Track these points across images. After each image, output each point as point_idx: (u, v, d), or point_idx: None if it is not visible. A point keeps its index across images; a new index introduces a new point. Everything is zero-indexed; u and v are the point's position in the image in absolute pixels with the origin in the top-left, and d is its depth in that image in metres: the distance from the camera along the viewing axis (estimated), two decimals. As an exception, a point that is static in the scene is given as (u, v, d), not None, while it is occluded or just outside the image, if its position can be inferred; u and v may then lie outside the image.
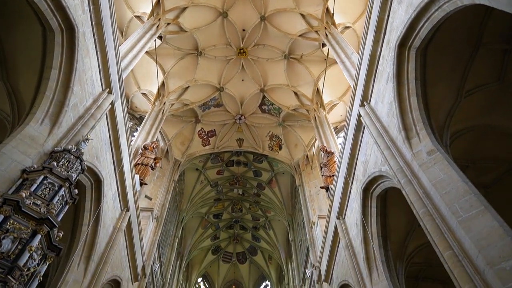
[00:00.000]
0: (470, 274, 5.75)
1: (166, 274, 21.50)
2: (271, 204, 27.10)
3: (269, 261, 30.55)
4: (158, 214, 18.43)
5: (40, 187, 6.41)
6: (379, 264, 10.43)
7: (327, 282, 14.59)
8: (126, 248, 13.19)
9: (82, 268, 10.01)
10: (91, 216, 10.31)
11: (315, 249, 17.26)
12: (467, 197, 6.35)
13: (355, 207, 11.80)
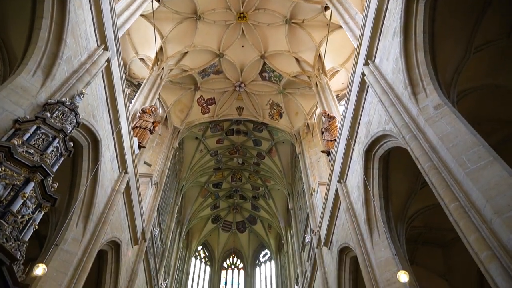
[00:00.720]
0: (476, 224, 5.62)
1: (166, 241, 21.64)
2: (271, 173, 27.04)
3: (269, 230, 30.79)
4: (158, 180, 18.34)
5: (33, 137, 6.19)
6: (380, 225, 10.37)
7: (327, 246, 14.63)
8: (125, 211, 13.13)
9: (81, 227, 9.93)
10: (88, 175, 10.15)
11: (315, 215, 17.27)
12: (476, 149, 6.15)
13: (356, 169, 11.64)
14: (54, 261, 8.81)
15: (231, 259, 32.29)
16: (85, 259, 9.62)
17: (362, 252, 10.50)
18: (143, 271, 16.11)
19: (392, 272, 9.26)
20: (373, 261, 9.99)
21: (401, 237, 10.66)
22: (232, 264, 32.07)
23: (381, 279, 9.39)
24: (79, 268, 9.33)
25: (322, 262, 15.26)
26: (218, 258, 31.64)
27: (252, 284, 30.12)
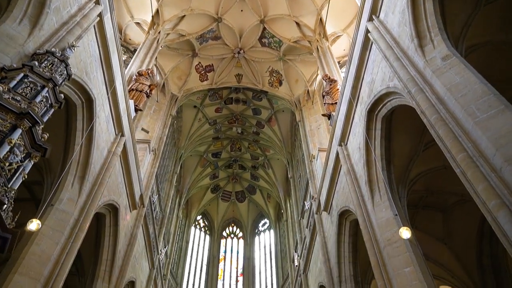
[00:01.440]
0: (485, 173, 5.39)
1: (165, 208, 21.63)
2: (271, 142, 26.81)
3: (268, 200, 30.86)
4: (156, 147, 18.10)
5: (20, 85, 5.87)
6: (382, 186, 10.19)
7: (326, 211, 14.56)
8: (122, 175, 12.94)
9: (76, 188, 9.74)
10: (83, 135, 9.88)
11: (315, 182, 17.14)
12: (486, 98, 5.87)
13: (358, 131, 11.38)
14: (50, 220, 8.66)
15: (231, 228, 32.53)
16: (81, 219, 9.47)
17: (362, 213, 10.38)
18: (142, 236, 16.11)
19: (393, 232, 9.14)
20: (374, 222, 9.87)
21: (403, 199, 10.51)
22: (231, 233, 32.34)
23: (382, 239, 9.29)
24: (76, 227, 9.19)
25: (321, 227, 15.23)
26: (218, 227, 31.85)
27: (251, 253, 30.45)
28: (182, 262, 26.96)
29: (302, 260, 18.97)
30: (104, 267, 12.48)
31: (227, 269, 29.85)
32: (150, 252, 17.52)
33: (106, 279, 12.45)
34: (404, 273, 8.32)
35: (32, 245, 8.05)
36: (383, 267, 8.92)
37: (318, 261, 15.86)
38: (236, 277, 29.30)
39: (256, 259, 30.06)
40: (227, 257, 30.70)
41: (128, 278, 14.41)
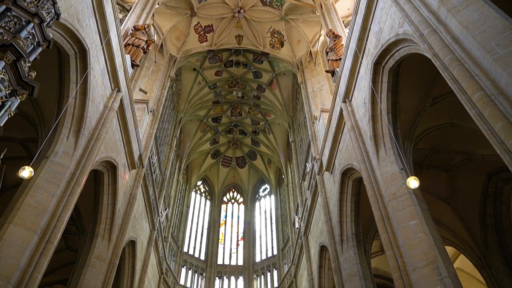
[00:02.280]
0: (504, 111, 5.04)
1: (165, 171, 21.46)
2: (272, 106, 26.36)
3: (269, 165, 30.71)
4: (154, 108, 17.70)
5: (3, 18, 5.41)
6: (387, 141, 9.90)
7: (329, 171, 14.33)
8: (120, 132, 12.62)
9: (72, 141, 9.43)
10: (77, 87, 9.46)
11: (317, 143, 16.85)
12: (507, 33, 5.46)
13: (363, 85, 10.96)
14: (45, 172, 8.40)
15: (231, 193, 32.57)
16: (78, 173, 9.22)
17: (367, 169, 10.13)
18: (141, 197, 15.98)
19: (398, 186, 8.92)
20: (379, 177, 9.63)
21: (408, 155, 10.22)
22: (232, 198, 32.40)
23: (387, 193, 9.06)
24: (72, 181, 8.94)
25: (323, 187, 15.06)
26: (218, 192, 31.88)
27: (251, 218, 30.61)
28: (183, 226, 27.12)
29: (303, 223, 18.95)
30: (103, 225, 12.38)
31: (228, 234, 30.10)
32: (150, 213, 17.46)
33: (106, 237, 12.37)
34: (409, 226, 8.13)
35: (27, 196, 7.83)
36: (387, 220, 8.74)
37: (319, 222, 15.79)
38: (237, 241, 29.58)
39: (256, 224, 30.26)
40: (227, 222, 30.90)
41: (129, 238, 14.37)
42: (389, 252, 8.37)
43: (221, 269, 27.11)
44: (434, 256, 7.42)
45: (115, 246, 12.63)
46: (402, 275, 7.81)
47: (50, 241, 7.89)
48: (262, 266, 26.83)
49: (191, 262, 26.14)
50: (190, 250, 26.93)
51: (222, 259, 28.09)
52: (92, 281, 11.27)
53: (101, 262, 11.84)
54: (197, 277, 25.89)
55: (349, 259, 12.37)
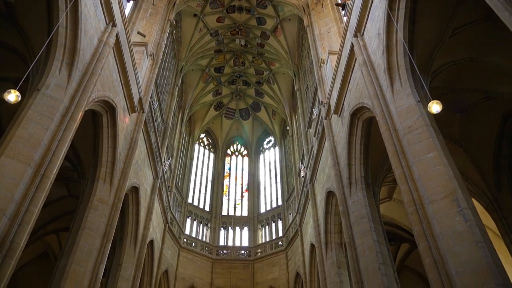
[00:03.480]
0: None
1: (167, 120, 20.95)
2: (276, 55, 25.34)
3: (273, 117, 30.08)
4: (154, 52, 16.86)
5: None
6: (403, 73, 9.22)
7: (337, 114, 13.75)
8: (117, 71, 11.97)
9: (64, 74, 8.80)
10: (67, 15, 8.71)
11: (324, 87, 16.15)
12: None
13: (378, 15, 10.12)
14: (37, 105, 7.86)
15: (235, 146, 32.21)
16: (73, 107, 8.67)
17: (380, 104, 9.54)
18: (143, 143, 15.57)
19: (414, 118, 8.35)
20: (393, 111, 9.04)
21: (425, 89, 9.55)
22: (236, 151, 32.08)
23: (402, 127, 8.51)
24: (67, 115, 8.42)
25: (330, 131, 14.55)
26: (222, 145, 31.51)
27: (256, 170, 30.42)
28: (186, 177, 26.99)
29: (309, 171, 18.63)
30: (104, 169, 12.02)
31: (232, 185, 30.05)
32: (153, 161, 17.12)
33: (108, 180, 12.05)
34: (426, 159, 7.64)
35: (19, 128, 7.35)
36: (402, 155, 8.24)
37: (326, 167, 15.43)
38: (241, 193, 29.57)
39: (261, 176, 30.11)
40: (232, 174, 30.75)
41: (131, 183, 14.09)
42: (404, 186, 7.94)
43: (226, 220, 27.27)
44: (453, 188, 6.98)
45: (117, 190, 12.35)
46: (418, 208, 7.42)
47: (45, 176, 7.49)
48: (266, 217, 26.94)
49: (196, 213, 26.24)
50: (194, 201, 26.97)
51: (226, 210, 28.19)
52: (95, 223, 11.05)
53: (103, 205, 11.59)
54: (202, 228, 26.08)
55: (358, 201, 12.07)
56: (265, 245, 24.99)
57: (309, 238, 18.92)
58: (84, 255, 10.41)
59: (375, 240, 11.04)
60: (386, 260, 10.79)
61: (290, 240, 22.86)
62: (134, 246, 15.29)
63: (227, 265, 23.97)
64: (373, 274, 10.49)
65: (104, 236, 11.20)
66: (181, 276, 22.08)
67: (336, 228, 15.70)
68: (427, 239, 6.99)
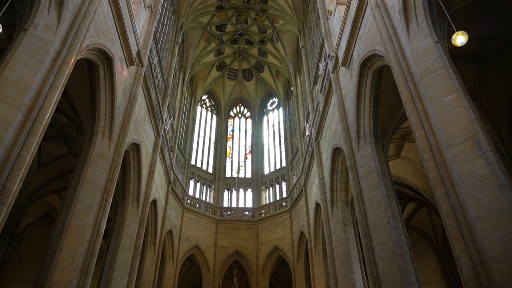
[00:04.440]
0: None
1: (168, 78, 20.30)
2: (280, 10, 24.26)
3: (277, 77, 29.25)
4: (152, 4, 15.98)
5: None
6: (420, 12, 8.48)
7: (345, 66, 13.09)
8: (113, 19, 11.24)
9: (54, 15, 8.13)
10: None
11: (331, 40, 15.36)
12: None
13: (393, -49, 9.27)
14: (25, 46, 7.28)
15: (238, 108, 31.59)
16: (65, 51, 8.07)
17: (393, 47, 8.89)
18: (143, 99, 15.07)
19: (432, 60, 7.72)
20: (408, 54, 8.40)
21: (443, 30, 8.87)
22: (239, 113, 31.48)
23: (418, 70, 7.90)
24: (58, 59, 7.84)
25: (338, 85, 13.94)
26: (225, 107, 30.88)
27: (259, 131, 29.94)
28: (189, 139, 26.59)
29: (314, 129, 18.14)
30: (103, 123, 11.56)
31: (236, 147, 29.69)
32: (154, 119, 16.66)
33: (107, 135, 11.62)
34: (445, 102, 7.09)
35: (5, 70, 6.82)
36: (418, 99, 7.69)
37: (333, 123, 14.93)
38: (245, 155, 29.26)
39: (264, 137, 29.68)
40: (235, 136, 30.32)
41: (132, 140, 13.69)
42: (420, 132, 7.44)
43: (230, 182, 27.11)
44: (474, 130, 6.49)
45: (117, 145, 11.94)
46: (435, 154, 6.95)
47: (37, 121, 7.01)
48: (270, 178, 26.74)
49: (199, 175, 26.04)
50: (197, 163, 26.72)
51: (230, 172, 27.99)
52: (94, 177, 10.71)
53: (103, 159, 11.21)
54: (205, 189, 25.95)
55: (366, 155, 11.64)
56: (269, 206, 24.91)
57: (314, 197, 18.70)
58: (84, 209, 10.14)
59: (384, 194, 10.70)
60: (395, 214, 10.48)
61: (294, 201, 22.72)
62: (136, 204, 15.10)
63: (231, 226, 23.99)
64: (382, 228, 10.21)
65: (104, 191, 10.89)
66: (185, 236, 22.13)
67: (342, 186, 15.41)
68: (445, 185, 6.57)
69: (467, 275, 5.81)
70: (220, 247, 23.37)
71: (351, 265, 13.81)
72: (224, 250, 23.29)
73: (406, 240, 10.25)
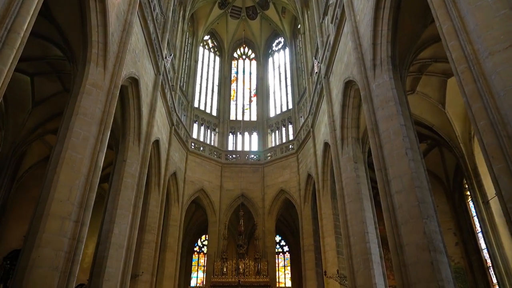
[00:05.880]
0: None
1: (166, 12, 18.90)
2: None
3: (283, 15, 27.45)
4: None
5: None
6: None
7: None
8: None
9: None
10: None
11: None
12: None
13: None
14: None
15: (242, 49, 30.11)
16: (42, -46, 6.96)
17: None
18: (140, 30, 13.98)
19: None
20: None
21: None
22: (243, 54, 30.04)
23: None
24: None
25: (352, 11, 12.82)
26: (228, 48, 29.41)
27: (264, 73, 28.71)
28: (191, 81, 25.51)
29: (324, 65, 17.06)
30: (96, 51, 10.63)
31: (240, 90, 28.62)
32: (153, 54, 15.65)
33: (101, 63, 10.73)
34: (486, 4, 6.08)
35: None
36: (452, 4, 6.63)
37: (345, 55, 13.88)
38: (250, 98, 28.27)
39: (270, 79, 28.50)
40: (239, 78, 29.14)
41: (129, 73, 12.79)
42: (453, 42, 6.46)
43: (234, 125, 26.39)
44: (521, 33, 5.53)
45: (113, 75, 11.09)
46: (471, 65, 6.04)
47: (13, 30, 6.11)
48: (276, 121, 25.96)
49: (203, 118, 25.28)
50: (201, 106, 25.85)
51: (235, 115, 27.19)
52: (89, 108, 9.96)
53: (97, 89, 10.40)
54: (209, 133, 25.31)
55: (383, 84, 10.70)
56: (275, 149, 24.35)
57: (322, 137, 18.00)
58: (80, 142, 9.50)
59: (402, 124, 9.90)
60: (413, 145, 9.74)
61: (301, 143, 22.09)
62: (138, 142, 14.50)
63: (237, 169, 23.58)
64: (399, 159, 9.52)
65: (101, 123, 10.20)
66: (190, 179, 21.78)
67: (353, 122, 14.62)
68: (483, 99, 5.73)
69: (508, 197, 5.12)
70: (226, 190, 23.10)
71: (361, 202, 13.35)
72: (230, 193, 23.05)
73: (424, 173, 9.60)
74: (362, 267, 12.33)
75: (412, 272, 8.38)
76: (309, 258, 19.67)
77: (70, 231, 8.68)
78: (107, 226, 12.69)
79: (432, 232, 8.53)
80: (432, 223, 8.68)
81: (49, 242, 8.17)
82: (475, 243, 17.61)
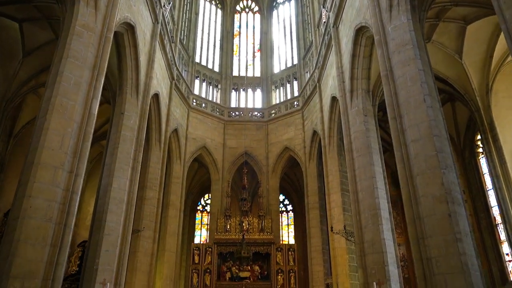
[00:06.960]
0: None
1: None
2: None
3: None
4: None
5: None
6: None
7: None
8: None
9: None
10: None
11: None
12: None
13: None
14: None
15: (245, 2, 28.51)
16: None
17: None
18: (135, -30, 12.85)
19: None
20: None
21: None
22: (246, 7, 28.48)
23: None
24: None
25: None
26: (230, 0, 27.90)
27: (269, 27, 27.33)
28: (192, 34, 24.29)
29: (332, 13, 15.96)
30: (84, -12, 9.68)
31: (243, 45, 27.36)
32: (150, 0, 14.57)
33: (91, 3, 9.93)
34: None
35: None
36: None
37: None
38: (253, 53, 27.08)
39: (274, 34, 27.12)
40: (242, 33, 27.80)
41: (124, 18, 11.90)
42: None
43: (237, 81, 25.42)
44: None
45: (106, 17, 10.28)
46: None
47: None
48: (281, 77, 24.94)
49: (205, 73, 24.30)
50: (202, 61, 24.78)
51: (237, 71, 26.13)
52: (80, 52, 9.24)
53: (89, 32, 9.63)
54: (212, 89, 24.41)
55: (400, 26, 9.84)
56: (279, 106, 23.54)
57: (330, 91, 17.18)
58: (71, 88, 8.86)
59: (420, 69, 9.15)
60: (432, 92, 9.04)
61: (306, 99, 21.26)
62: (136, 95, 13.79)
63: (240, 127, 22.91)
64: (416, 107, 8.84)
65: (94, 68, 9.51)
66: (192, 136, 21.19)
67: (364, 73, 13.80)
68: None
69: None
70: (229, 147, 22.56)
71: (371, 156, 12.77)
72: (233, 151, 22.52)
73: (443, 121, 8.95)
74: (371, 223, 11.93)
75: (427, 224, 7.90)
76: (313, 215, 19.39)
77: (64, 182, 8.19)
78: (106, 180, 12.23)
79: (450, 183, 7.98)
80: (450, 173, 8.12)
81: (41, 192, 7.70)
82: (484, 200, 17.18)
